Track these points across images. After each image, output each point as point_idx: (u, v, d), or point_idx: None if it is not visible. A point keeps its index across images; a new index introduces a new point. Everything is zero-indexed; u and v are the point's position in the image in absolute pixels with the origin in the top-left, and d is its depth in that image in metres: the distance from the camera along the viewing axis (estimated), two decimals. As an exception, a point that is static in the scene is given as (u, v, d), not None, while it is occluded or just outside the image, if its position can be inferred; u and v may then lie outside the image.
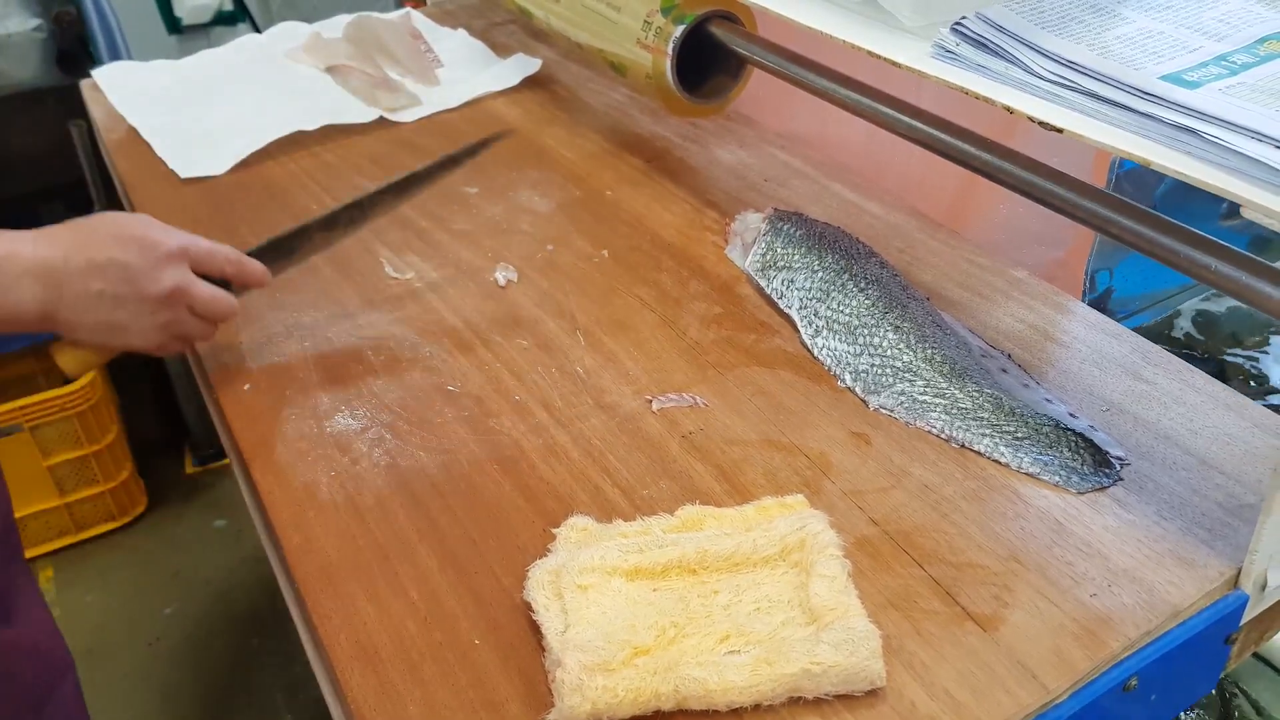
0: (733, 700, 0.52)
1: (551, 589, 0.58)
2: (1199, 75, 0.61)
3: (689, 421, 0.72)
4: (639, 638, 0.54)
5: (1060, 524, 0.63)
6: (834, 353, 0.76)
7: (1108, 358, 0.76)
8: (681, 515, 0.62)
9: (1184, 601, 0.58)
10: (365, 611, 0.60)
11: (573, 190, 1.01)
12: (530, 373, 0.77)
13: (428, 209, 0.98)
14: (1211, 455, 0.67)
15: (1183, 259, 0.62)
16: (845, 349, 0.76)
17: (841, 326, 0.77)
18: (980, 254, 0.88)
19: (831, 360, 0.76)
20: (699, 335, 0.81)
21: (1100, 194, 0.65)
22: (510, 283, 0.87)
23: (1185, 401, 0.71)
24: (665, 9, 0.96)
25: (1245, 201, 0.52)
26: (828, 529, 0.59)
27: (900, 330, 0.76)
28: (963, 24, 0.67)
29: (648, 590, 0.58)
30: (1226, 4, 0.67)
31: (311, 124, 1.11)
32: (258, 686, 1.60)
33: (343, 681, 0.56)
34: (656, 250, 0.91)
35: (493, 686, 0.55)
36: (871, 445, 0.69)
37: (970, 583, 0.59)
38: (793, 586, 0.57)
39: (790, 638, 0.54)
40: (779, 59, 0.89)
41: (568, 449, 0.70)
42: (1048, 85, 0.62)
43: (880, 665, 0.53)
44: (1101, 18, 0.67)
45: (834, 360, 0.76)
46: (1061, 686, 0.54)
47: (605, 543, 0.60)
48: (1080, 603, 0.58)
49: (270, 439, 0.72)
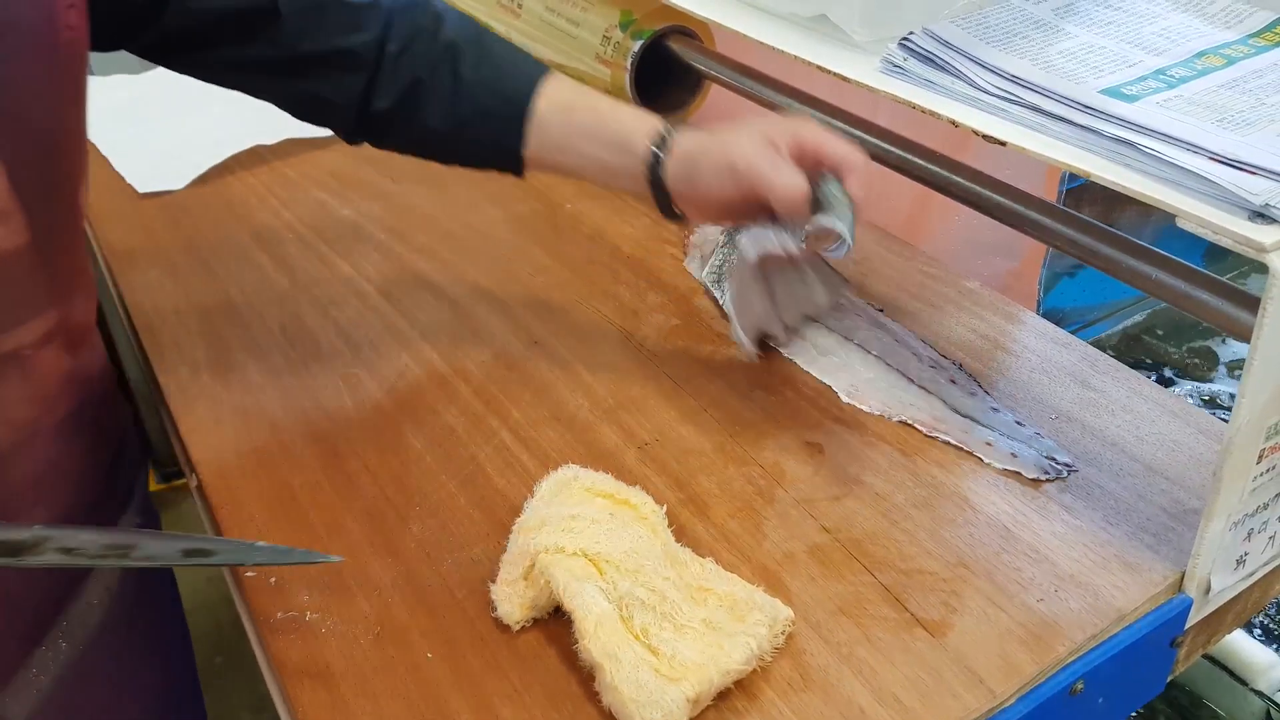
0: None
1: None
2: (1138, 89, 0.62)
3: (645, 432, 0.72)
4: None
5: (1009, 530, 0.63)
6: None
7: (1057, 366, 0.77)
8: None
9: (1129, 605, 0.59)
10: (316, 626, 0.60)
11: (532, 203, 1.01)
12: (487, 385, 0.77)
13: (385, 223, 0.98)
14: (1157, 461, 0.68)
15: (1124, 269, 0.63)
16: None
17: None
18: (933, 265, 0.89)
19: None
20: (656, 346, 0.81)
21: (1044, 205, 0.66)
22: (469, 295, 0.87)
23: (1132, 409, 0.73)
24: (624, 24, 0.97)
25: (1180, 212, 0.53)
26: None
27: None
28: (910, 39, 0.68)
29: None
30: (1166, 20, 0.69)
31: (271, 138, 1.11)
32: (223, 705, 1.59)
33: (293, 697, 0.56)
34: (615, 263, 0.92)
35: (444, 699, 0.55)
36: (825, 454, 0.70)
37: (920, 589, 0.60)
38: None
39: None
40: (735, 74, 0.90)
41: (524, 460, 0.71)
42: (993, 99, 0.63)
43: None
44: (1045, 33, 0.68)
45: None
46: (1008, 691, 0.55)
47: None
48: (1027, 608, 0.59)
49: (224, 454, 0.72)
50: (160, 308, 0.87)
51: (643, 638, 0.54)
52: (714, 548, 0.63)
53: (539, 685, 0.56)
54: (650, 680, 0.52)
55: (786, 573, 0.61)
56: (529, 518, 0.62)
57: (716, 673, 0.53)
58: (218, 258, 0.93)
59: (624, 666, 0.52)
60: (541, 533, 0.59)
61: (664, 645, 0.54)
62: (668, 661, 0.53)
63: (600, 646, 0.53)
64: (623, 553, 0.57)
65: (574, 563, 0.57)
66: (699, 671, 0.53)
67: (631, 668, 0.52)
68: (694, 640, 0.54)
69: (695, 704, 0.52)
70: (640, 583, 0.56)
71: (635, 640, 0.54)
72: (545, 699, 0.55)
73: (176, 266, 0.92)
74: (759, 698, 0.55)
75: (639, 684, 0.51)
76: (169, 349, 0.82)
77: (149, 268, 0.91)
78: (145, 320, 0.85)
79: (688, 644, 0.54)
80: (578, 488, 0.63)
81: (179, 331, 0.84)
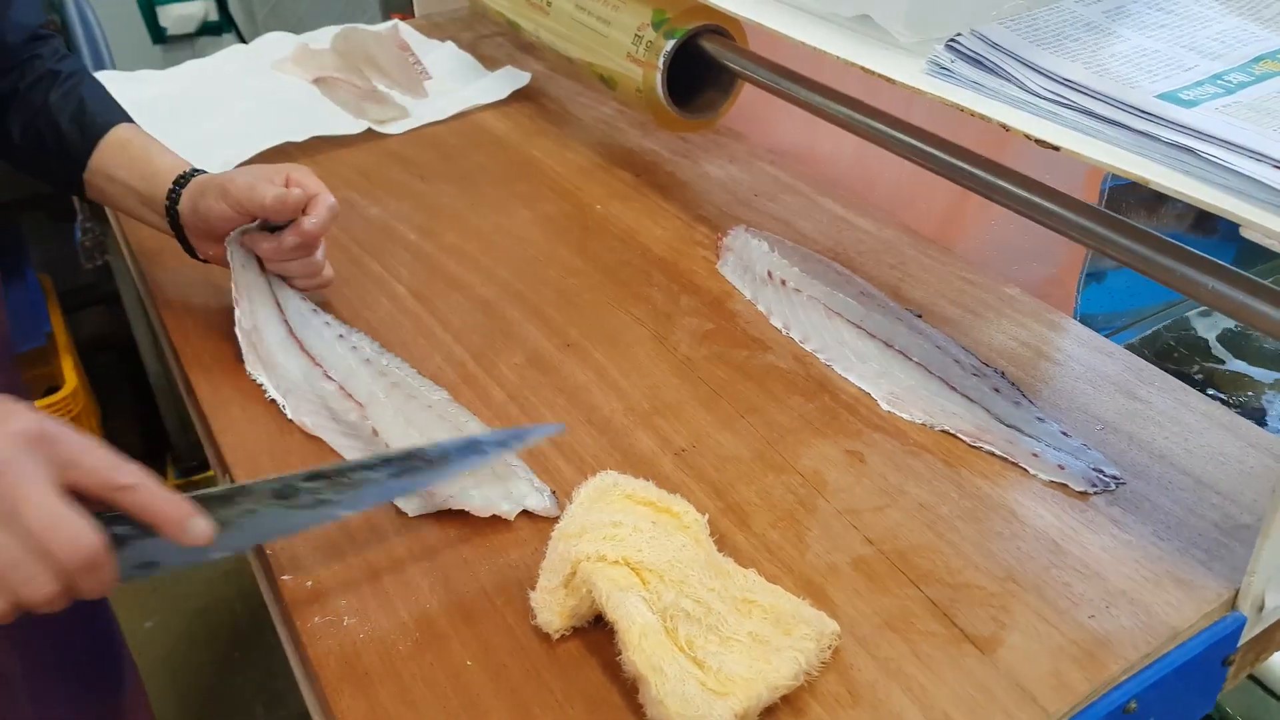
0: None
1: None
2: (1195, 94, 0.61)
3: (681, 438, 0.71)
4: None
5: (1057, 544, 0.62)
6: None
7: (1101, 375, 0.75)
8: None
9: (1183, 623, 0.57)
10: (355, 631, 0.59)
11: (562, 204, 1.00)
12: (521, 388, 0.76)
13: (415, 222, 0.97)
14: (1207, 475, 0.67)
15: (1178, 278, 0.61)
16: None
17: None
18: (972, 271, 0.88)
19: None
20: (690, 351, 0.80)
21: (1097, 212, 0.64)
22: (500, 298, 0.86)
23: (1180, 421, 0.71)
24: (656, 23, 0.96)
25: (1245, 221, 0.52)
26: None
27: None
28: (958, 41, 0.67)
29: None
30: (1221, 23, 0.67)
31: (299, 136, 1.10)
32: (238, 700, 1.59)
33: (332, 703, 0.55)
34: (647, 265, 0.91)
35: (485, 709, 0.54)
36: (866, 463, 0.69)
37: (968, 604, 0.59)
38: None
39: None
40: (771, 74, 0.89)
41: (559, 465, 0.70)
42: (1044, 103, 0.62)
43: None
44: (1096, 36, 0.67)
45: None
46: (1061, 710, 0.53)
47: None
48: (1079, 624, 0.57)
49: (257, 452, 0.71)
50: (191, 307, 0.86)
51: (688, 650, 0.53)
52: (755, 558, 0.62)
53: (580, 696, 0.55)
54: (696, 694, 0.51)
55: (831, 585, 0.60)
56: (568, 524, 0.61)
57: (764, 688, 0.52)
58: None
59: (669, 680, 0.51)
60: (583, 540, 0.58)
61: (710, 658, 0.53)
62: (714, 675, 0.52)
63: (645, 658, 0.52)
64: (666, 562, 0.56)
65: (617, 572, 0.56)
66: (746, 687, 0.51)
67: (677, 681, 0.51)
68: (740, 654, 0.53)
69: (742, 719, 0.51)
70: (685, 593, 0.55)
71: (680, 653, 0.53)
72: (586, 710, 0.54)
73: (207, 265, 0.90)
74: (806, 713, 0.53)
75: (685, 698, 0.50)
76: (201, 349, 0.81)
77: (179, 266, 0.90)
78: (176, 320, 0.85)
79: (734, 657, 0.53)
80: (618, 494, 0.62)
81: (210, 331, 0.83)
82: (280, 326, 0.80)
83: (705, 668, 0.52)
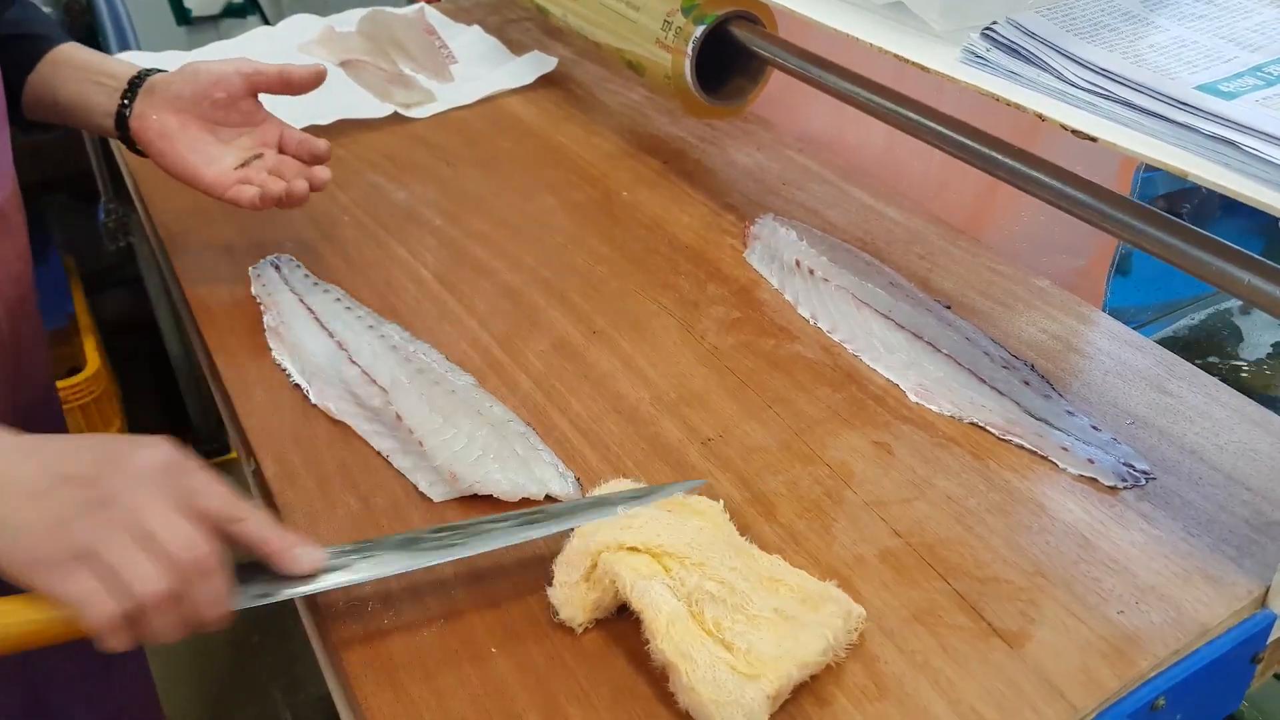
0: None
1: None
2: (1235, 86, 0.60)
3: (708, 428, 0.71)
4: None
5: (1086, 539, 0.62)
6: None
7: (1131, 370, 0.75)
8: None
9: (1213, 620, 0.57)
10: (379, 618, 0.59)
11: (589, 190, 1.00)
12: (547, 375, 0.76)
13: (440, 207, 0.97)
14: (1238, 471, 0.66)
15: (1214, 272, 0.61)
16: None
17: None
18: (1002, 262, 0.87)
19: None
20: (717, 340, 0.80)
21: (1133, 205, 0.64)
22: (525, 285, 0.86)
23: (1211, 416, 0.70)
24: (686, 9, 0.95)
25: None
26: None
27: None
28: (994, 29, 0.66)
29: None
30: (1260, 14, 0.66)
31: (324, 119, 1.10)
32: (257, 683, 1.59)
33: (356, 690, 0.55)
34: (674, 253, 0.90)
35: (511, 696, 0.54)
36: (894, 455, 0.68)
37: (996, 598, 0.58)
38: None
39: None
40: (801, 61, 0.88)
41: (585, 454, 0.69)
42: (1081, 93, 0.61)
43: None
44: (1134, 25, 0.66)
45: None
46: (1089, 706, 0.53)
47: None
48: (1108, 620, 0.57)
49: (281, 437, 0.71)
50: (216, 290, 0.86)
51: (715, 632, 0.53)
52: (781, 549, 0.62)
53: (606, 685, 0.55)
54: (728, 679, 0.50)
55: (858, 577, 0.60)
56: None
57: (794, 666, 0.52)
58: (273, 240, 0.92)
59: (700, 667, 0.51)
60: (600, 531, 0.58)
61: (738, 639, 0.52)
62: (743, 657, 0.52)
63: (674, 646, 0.52)
64: (686, 545, 0.56)
65: (638, 560, 0.56)
66: (776, 666, 0.51)
67: (708, 667, 0.51)
68: (768, 631, 0.53)
69: (774, 700, 0.51)
70: (708, 575, 0.55)
71: (708, 637, 0.53)
72: (613, 699, 0.54)
73: (232, 249, 0.91)
74: (831, 704, 0.53)
75: (717, 684, 0.50)
76: (226, 333, 0.81)
77: (203, 249, 0.90)
78: (201, 304, 0.85)
79: (761, 635, 0.53)
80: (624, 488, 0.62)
81: (235, 315, 0.83)
82: (306, 312, 0.80)
83: (734, 649, 0.52)
